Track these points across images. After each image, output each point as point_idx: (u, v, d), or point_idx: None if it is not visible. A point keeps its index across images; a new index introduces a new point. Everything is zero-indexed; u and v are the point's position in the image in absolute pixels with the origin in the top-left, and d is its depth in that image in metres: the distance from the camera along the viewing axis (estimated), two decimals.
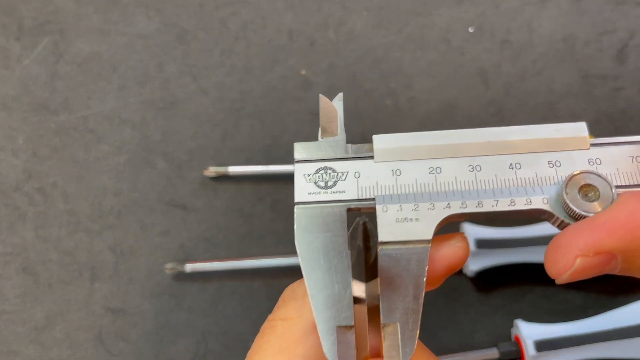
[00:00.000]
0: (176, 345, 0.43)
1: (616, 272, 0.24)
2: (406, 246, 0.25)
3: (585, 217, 0.25)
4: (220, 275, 0.44)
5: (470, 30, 0.49)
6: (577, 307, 0.42)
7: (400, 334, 0.24)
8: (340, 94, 0.29)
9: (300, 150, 0.28)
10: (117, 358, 0.43)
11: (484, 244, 0.41)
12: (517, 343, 0.40)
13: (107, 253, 0.45)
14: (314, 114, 0.48)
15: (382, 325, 0.24)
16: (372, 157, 0.27)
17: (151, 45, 0.50)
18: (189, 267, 0.43)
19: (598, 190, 0.25)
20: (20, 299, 0.44)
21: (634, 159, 0.26)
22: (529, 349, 0.39)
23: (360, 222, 0.22)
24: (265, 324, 0.28)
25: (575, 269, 0.23)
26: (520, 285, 0.43)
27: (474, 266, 0.42)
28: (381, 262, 0.25)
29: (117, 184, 0.46)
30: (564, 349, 0.39)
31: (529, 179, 0.26)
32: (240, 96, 0.48)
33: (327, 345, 0.25)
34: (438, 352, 0.42)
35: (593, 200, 0.25)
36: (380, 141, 0.28)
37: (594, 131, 0.44)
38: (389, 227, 0.25)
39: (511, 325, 0.41)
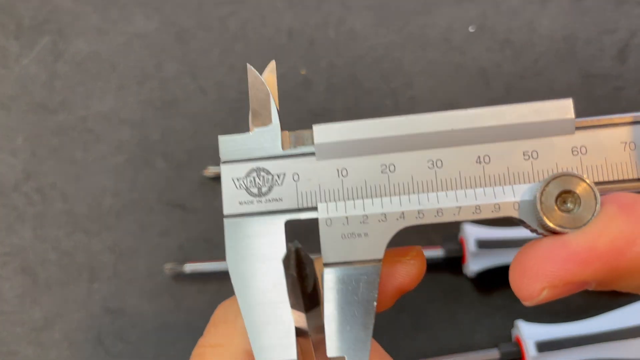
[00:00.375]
0: (175, 346, 0.43)
1: (590, 288, 0.22)
2: (354, 267, 0.22)
3: (560, 232, 0.21)
4: (219, 275, 0.44)
5: (471, 29, 0.49)
6: (579, 307, 0.42)
7: None
8: (272, 64, 0.24)
9: (226, 146, 0.23)
10: (117, 359, 0.43)
11: (484, 244, 0.41)
12: (518, 344, 0.40)
13: (106, 253, 0.45)
14: (315, 114, 0.47)
15: (329, 358, 0.22)
16: (313, 154, 0.23)
17: (150, 44, 0.50)
18: (188, 267, 0.43)
19: (579, 199, 0.21)
20: (18, 299, 0.44)
21: (627, 145, 0.22)
22: (530, 350, 0.38)
23: (292, 249, 0.19)
24: (195, 351, 0.25)
25: (541, 299, 0.21)
26: None
27: (474, 266, 0.42)
28: (326, 287, 0.22)
29: (116, 184, 0.46)
30: (565, 350, 0.39)
31: (499, 176, 0.22)
32: (240, 96, 0.48)
33: None
34: (438, 352, 0.42)
35: (571, 211, 0.21)
36: (323, 133, 0.23)
37: None
38: (334, 245, 0.22)
39: (512, 325, 0.41)
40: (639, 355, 0.39)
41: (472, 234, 0.41)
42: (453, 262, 0.43)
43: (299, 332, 0.22)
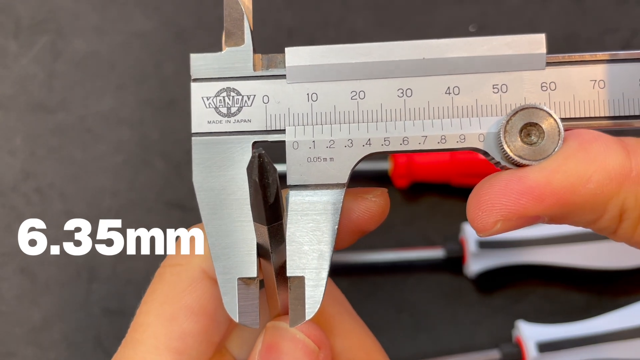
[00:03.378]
0: None
1: (543, 223, 0.22)
2: (318, 190, 0.22)
3: (521, 164, 0.21)
4: None
5: (472, 29, 0.49)
6: (579, 308, 0.42)
7: (307, 286, 0.22)
8: None
9: (198, 63, 0.24)
10: None
11: (485, 245, 0.41)
12: (519, 344, 0.40)
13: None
14: None
15: (288, 277, 0.22)
16: (284, 77, 0.24)
17: (149, 43, 0.49)
18: None
19: (543, 132, 0.21)
20: (17, 300, 0.44)
21: (596, 83, 0.22)
22: (531, 350, 0.38)
23: (255, 155, 0.19)
24: (157, 271, 0.26)
25: (495, 231, 0.21)
26: (522, 286, 0.43)
27: (475, 267, 0.41)
28: (289, 209, 0.22)
29: (115, 184, 0.46)
30: (565, 350, 0.38)
31: (467, 107, 0.22)
32: None
33: (227, 298, 0.22)
34: (439, 353, 0.41)
35: (534, 144, 0.21)
36: (295, 56, 0.24)
37: None
38: (299, 168, 0.23)
39: (512, 326, 0.41)
40: (639, 356, 0.39)
41: (472, 234, 0.41)
42: (453, 263, 0.43)
43: (261, 253, 0.22)
